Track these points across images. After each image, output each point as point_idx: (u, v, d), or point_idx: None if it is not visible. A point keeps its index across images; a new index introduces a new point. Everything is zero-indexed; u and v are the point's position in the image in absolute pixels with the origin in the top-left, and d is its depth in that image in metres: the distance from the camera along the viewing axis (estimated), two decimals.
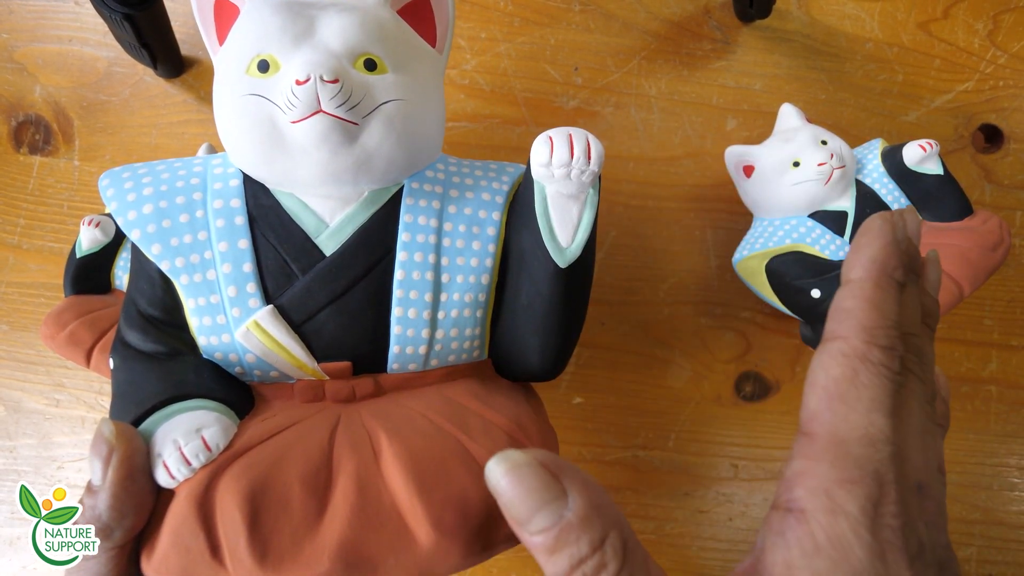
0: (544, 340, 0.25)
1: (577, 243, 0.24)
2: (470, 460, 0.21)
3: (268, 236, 0.23)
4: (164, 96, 0.41)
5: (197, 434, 0.20)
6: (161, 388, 0.21)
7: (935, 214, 0.36)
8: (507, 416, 0.23)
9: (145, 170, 0.24)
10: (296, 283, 0.22)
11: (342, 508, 0.19)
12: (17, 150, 0.41)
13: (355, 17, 0.23)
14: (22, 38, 0.41)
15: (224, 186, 0.23)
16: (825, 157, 0.35)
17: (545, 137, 0.23)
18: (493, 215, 0.25)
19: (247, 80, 0.22)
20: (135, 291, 0.23)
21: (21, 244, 0.40)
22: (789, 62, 0.44)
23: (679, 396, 0.41)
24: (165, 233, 0.22)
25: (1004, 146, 0.44)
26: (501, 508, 0.17)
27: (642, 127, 0.43)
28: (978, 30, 0.45)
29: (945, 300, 0.32)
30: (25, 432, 0.38)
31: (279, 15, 0.22)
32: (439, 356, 0.24)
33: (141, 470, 0.19)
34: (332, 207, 0.23)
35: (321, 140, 0.22)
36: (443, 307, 0.24)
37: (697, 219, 0.42)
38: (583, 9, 0.43)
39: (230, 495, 0.18)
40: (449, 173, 0.26)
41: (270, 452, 0.20)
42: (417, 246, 0.23)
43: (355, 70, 0.22)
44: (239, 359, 0.23)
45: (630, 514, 0.40)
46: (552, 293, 0.24)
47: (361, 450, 0.20)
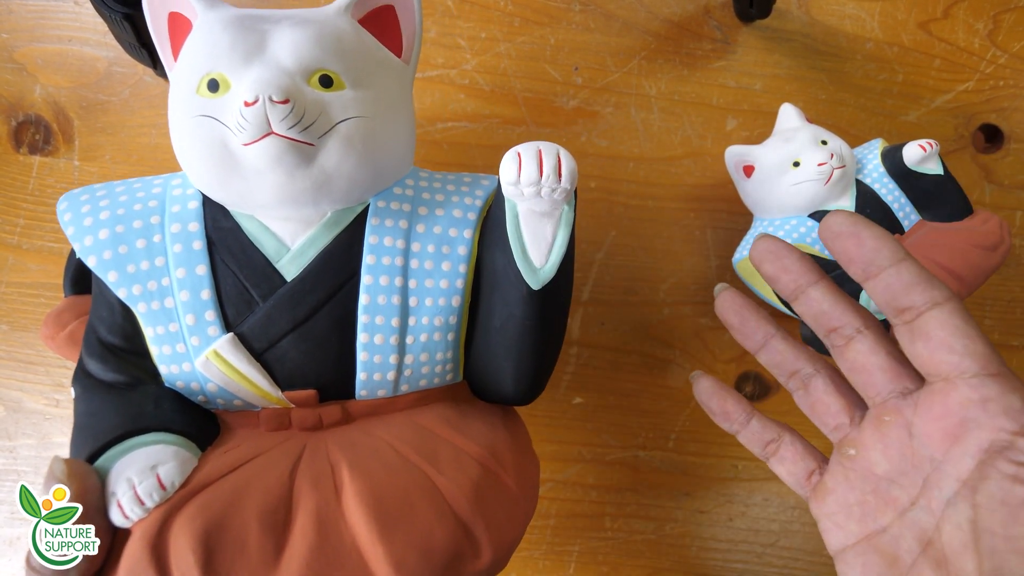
0: (518, 364, 0.24)
1: (551, 263, 0.22)
2: (436, 496, 0.20)
3: (227, 261, 0.22)
4: (164, 96, 0.41)
5: (152, 472, 0.19)
6: (119, 421, 0.20)
7: (935, 214, 0.36)
8: (480, 444, 0.22)
9: (104, 192, 0.23)
10: (257, 310, 0.22)
11: (300, 548, 0.18)
12: (17, 150, 0.41)
13: (309, 31, 0.22)
14: (22, 38, 0.41)
15: (182, 209, 0.22)
16: (825, 157, 0.35)
17: (513, 153, 0.21)
18: (464, 233, 0.24)
19: (198, 100, 0.21)
20: (95, 318, 0.23)
21: (21, 244, 0.40)
22: (789, 62, 0.44)
23: (679, 396, 0.41)
24: (122, 260, 0.21)
25: (1004, 146, 0.44)
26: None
27: (642, 127, 0.43)
28: (978, 30, 0.45)
29: None
30: (25, 432, 0.38)
31: (229, 31, 0.21)
32: (409, 381, 0.23)
33: (95, 509, 0.18)
34: (293, 229, 0.22)
35: (275, 162, 0.21)
36: (411, 331, 0.23)
37: (697, 219, 0.42)
38: (583, 9, 0.43)
39: (183, 537, 0.18)
40: (418, 189, 0.24)
41: (228, 489, 0.19)
42: (383, 269, 0.22)
43: (309, 87, 0.21)
44: (201, 388, 0.22)
45: (630, 514, 0.40)
46: (525, 316, 0.23)
47: (322, 486, 0.20)
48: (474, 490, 0.21)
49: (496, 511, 0.21)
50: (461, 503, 0.20)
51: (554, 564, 0.39)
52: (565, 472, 0.40)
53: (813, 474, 0.23)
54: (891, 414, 0.21)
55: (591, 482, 0.40)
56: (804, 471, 0.23)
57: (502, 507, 0.22)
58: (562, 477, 0.40)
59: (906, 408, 0.20)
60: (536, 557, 0.39)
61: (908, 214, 0.36)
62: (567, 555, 0.39)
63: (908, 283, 0.19)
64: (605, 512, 0.40)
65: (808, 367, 0.24)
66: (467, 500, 0.20)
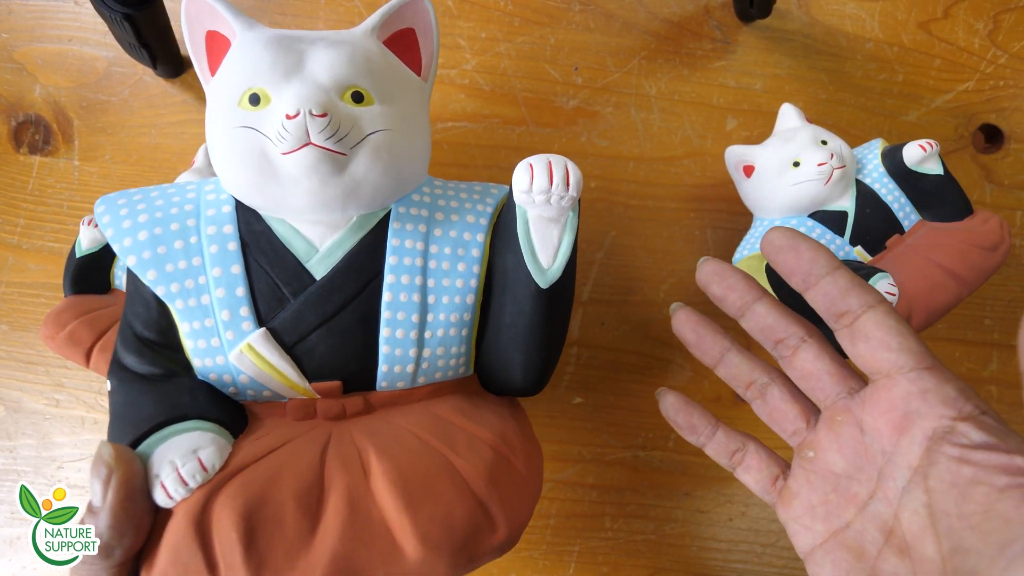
0: (527, 357, 0.26)
1: (558, 264, 0.25)
2: (456, 476, 0.22)
3: (260, 261, 0.23)
4: (164, 96, 0.41)
5: (193, 455, 0.20)
6: (158, 410, 0.22)
7: (935, 214, 0.36)
8: (492, 431, 0.24)
9: (140, 196, 0.24)
10: (288, 306, 0.23)
11: (334, 524, 0.19)
12: (17, 150, 0.41)
13: (343, 51, 0.23)
14: (22, 38, 0.41)
15: (217, 212, 0.24)
16: (825, 157, 0.35)
17: (525, 164, 0.24)
18: (477, 237, 0.26)
19: (239, 112, 0.23)
20: (131, 314, 0.24)
21: (21, 244, 0.40)
22: (789, 62, 0.44)
23: None
24: (160, 259, 0.23)
25: (1004, 146, 0.44)
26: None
27: (642, 127, 0.43)
28: (978, 30, 0.45)
29: (945, 300, 0.32)
30: (25, 432, 0.38)
31: (270, 50, 0.23)
32: (426, 374, 0.25)
33: (139, 491, 0.19)
34: (322, 232, 0.24)
35: (311, 170, 0.22)
36: (430, 327, 0.24)
37: (697, 219, 0.42)
38: (583, 9, 0.43)
39: (226, 513, 0.19)
40: (434, 196, 0.26)
41: (264, 471, 0.20)
42: (404, 268, 0.24)
43: (343, 102, 0.23)
44: (233, 380, 0.23)
45: (630, 514, 0.40)
46: (534, 312, 0.25)
47: (351, 468, 0.21)
48: (489, 471, 0.22)
49: (509, 491, 0.23)
50: (478, 483, 0.22)
51: (554, 564, 0.39)
52: (565, 472, 0.40)
53: (778, 479, 0.24)
54: (842, 414, 0.22)
55: (591, 482, 0.40)
56: (769, 477, 0.24)
57: (514, 488, 0.23)
58: (562, 477, 0.40)
59: (855, 407, 0.22)
60: (536, 557, 0.39)
61: (908, 214, 0.36)
62: (567, 555, 0.39)
63: (844, 289, 0.21)
64: (605, 512, 0.40)
65: (764, 377, 0.25)
66: (483, 480, 0.22)
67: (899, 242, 0.36)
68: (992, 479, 0.18)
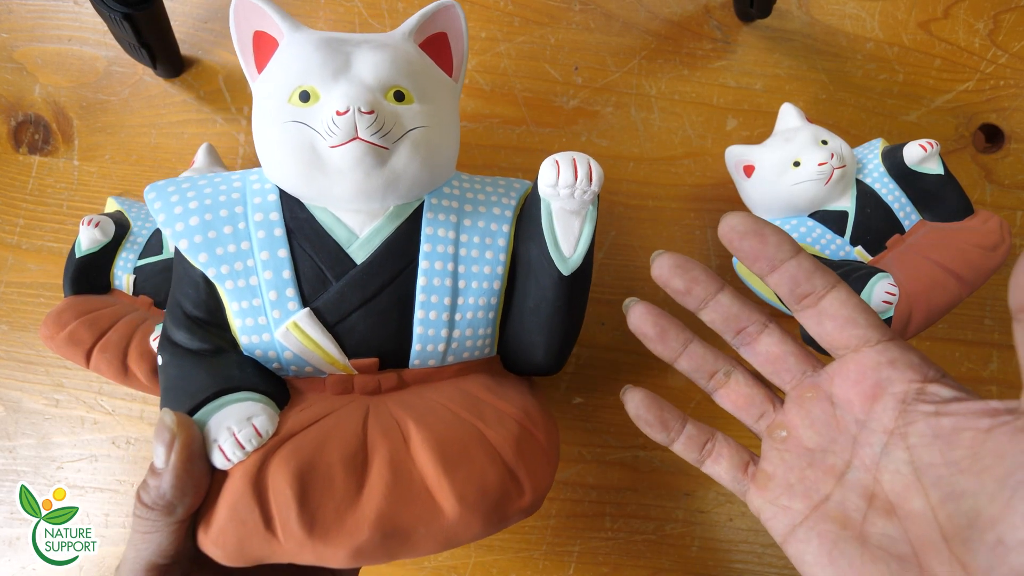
0: (549, 339, 0.28)
1: (578, 253, 0.27)
2: (487, 444, 0.24)
3: (304, 246, 0.25)
4: (163, 96, 0.41)
5: (248, 422, 0.22)
6: (211, 382, 0.24)
7: (936, 214, 0.36)
8: (516, 406, 0.26)
9: (188, 184, 0.26)
10: (331, 288, 0.25)
11: (378, 485, 0.21)
12: (16, 150, 0.41)
13: (386, 54, 0.25)
14: (21, 38, 0.41)
15: (263, 200, 0.26)
16: (825, 157, 0.35)
17: (552, 161, 0.26)
18: (503, 228, 0.28)
19: (289, 108, 0.25)
20: (180, 295, 0.26)
21: (20, 244, 0.40)
22: (790, 62, 0.44)
23: (679, 396, 0.41)
24: (211, 243, 0.25)
25: (1005, 146, 0.44)
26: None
27: (642, 127, 0.43)
28: (979, 30, 0.45)
29: (946, 300, 0.32)
30: (24, 432, 0.38)
31: (320, 51, 0.25)
32: (455, 353, 0.27)
33: (199, 454, 0.21)
34: (361, 220, 0.26)
35: (357, 163, 0.24)
36: (460, 310, 0.27)
37: (697, 219, 0.42)
38: (583, 8, 0.43)
39: (281, 474, 0.21)
40: (463, 190, 0.28)
41: (313, 437, 0.22)
42: (437, 255, 0.26)
43: (386, 101, 0.25)
44: (277, 356, 0.25)
45: (630, 514, 0.40)
46: (556, 297, 0.27)
47: (392, 435, 0.23)
48: (516, 442, 0.24)
49: (533, 460, 0.25)
50: (507, 451, 0.24)
51: (554, 564, 0.39)
52: (565, 472, 0.40)
53: (748, 465, 0.25)
54: (811, 390, 0.23)
55: (591, 482, 0.40)
56: (741, 463, 0.25)
57: (537, 457, 0.25)
58: (562, 477, 0.40)
59: (823, 382, 0.23)
60: (536, 557, 0.39)
61: (909, 214, 0.36)
62: (567, 555, 0.39)
63: (809, 271, 0.22)
64: (605, 512, 0.40)
65: (726, 365, 0.26)
66: (511, 449, 0.24)
67: (899, 242, 0.36)
68: (975, 423, 0.18)
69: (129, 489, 0.38)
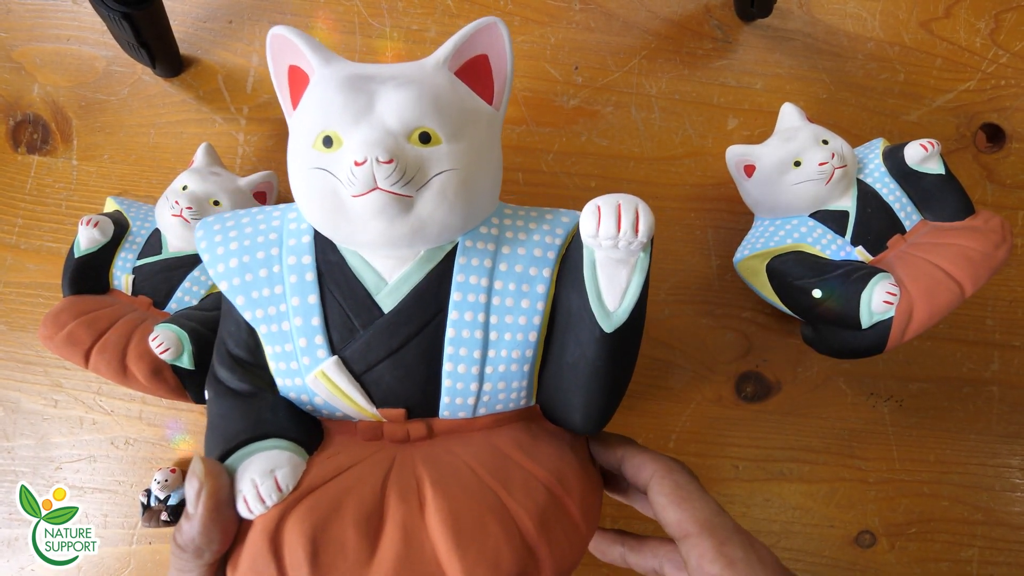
0: (587, 400, 0.25)
1: (624, 308, 0.24)
2: (506, 518, 0.22)
3: (334, 292, 0.25)
4: (163, 95, 0.41)
5: (271, 475, 0.22)
6: (244, 426, 0.24)
7: (937, 214, 0.36)
8: (548, 469, 0.24)
9: (232, 222, 0.26)
10: (358, 337, 0.24)
11: (389, 554, 0.21)
12: (15, 149, 0.41)
13: (412, 92, 0.24)
14: (20, 37, 0.41)
15: (297, 243, 0.25)
16: (826, 156, 0.34)
17: (593, 207, 0.23)
18: (544, 272, 0.25)
19: (313, 154, 0.24)
20: (225, 332, 0.26)
21: (19, 244, 0.40)
22: (790, 61, 0.44)
23: (680, 396, 0.41)
24: (248, 286, 0.25)
25: (1006, 146, 0.44)
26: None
27: (643, 126, 0.43)
28: (980, 29, 0.45)
29: (947, 300, 0.32)
30: (23, 432, 0.38)
31: (342, 93, 0.24)
32: (487, 405, 0.26)
33: (226, 502, 0.22)
34: (391, 265, 0.25)
35: (378, 212, 0.23)
36: (491, 362, 0.25)
37: (698, 219, 0.42)
38: (583, 8, 0.43)
39: (295, 534, 0.21)
40: (503, 228, 0.26)
41: (331, 495, 0.22)
42: (468, 305, 0.25)
43: (410, 144, 0.24)
44: (309, 400, 0.25)
45: (630, 514, 0.40)
46: (597, 356, 0.24)
47: (409, 499, 0.22)
48: (540, 515, 0.23)
49: (559, 536, 0.23)
50: (528, 527, 0.22)
51: None
52: None
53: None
54: None
55: None
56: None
57: (564, 533, 0.23)
58: None
59: None
60: None
61: (909, 214, 0.36)
62: None
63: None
64: (606, 513, 0.40)
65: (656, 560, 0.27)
66: (533, 524, 0.22)
67: (900, 242, 0.36)
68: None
69: (128, 489, 0.38)
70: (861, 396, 0.42)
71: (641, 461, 0.25)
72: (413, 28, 0.42)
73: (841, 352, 0.35)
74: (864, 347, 0.34)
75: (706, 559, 0.22)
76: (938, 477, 0.42)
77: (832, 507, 0.41)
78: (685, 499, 0.23)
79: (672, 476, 0.24)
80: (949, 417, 0.42)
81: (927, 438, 0.42)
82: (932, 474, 0.42)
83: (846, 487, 0.41)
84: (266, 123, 0.41)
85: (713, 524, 0.22)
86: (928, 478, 0.42)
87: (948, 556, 0.41)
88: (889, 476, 0.41)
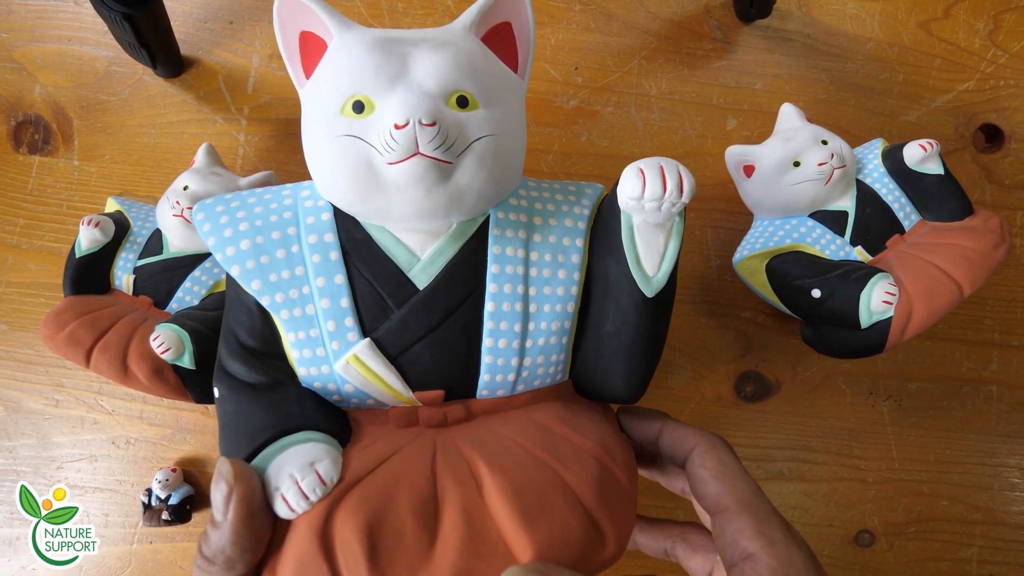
0: (630, 366, 0.25)
1: (663, 272, 0.24)
2: (567, 491, 0.21)
3: (362, 270, 0.23)
4: (163, 96, 0.41)
5: (311, 468, 0.20)
6: (270, 422, 0.22)
7: (936, 214, 0.36)
8: (593, 440, 0.24)
9: (237, 203, 0.24)
10: (392, 316, 0.23)
11: (452, 539, 0.20)
12: (16, 150, 0.41)
13: (447, 54, 0.23)
14: (21, 38, 0.41)
15: (317, 220, 0.24)
16: (826, 157, 0.34)
17: (635, 169, 0.22)
18: (576, 242, 0.25)
19: (342, 121, 0.22)
20: (233, 322, 0.24)
21: (20, 244, 0.40)
22: (790, 62, 0.44)
23: (679, 396, 0.41)
24: (264, 269, 0.23)
25: (1005, 146, 0.44)
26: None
27: (642, 127, 0.43)
28: (979, 30, 0.45)
29: (946, 300, 0.32)
30: (24, 432, 0.38)
31: (374, 55, 0.22)
32: (526, 382, 0.25)
33: (259, 507, 0.20)
34: (422, 240, 0.24)
35: (417, 180, 0.22)
36: (531, 336, 0.24)
37: (697, 219, 0.42)
38: (583, 8, 0.43)
39: (348, 528, 0.19)
40: (531, 200, 0.26)
41: (380, 484, 0.21)
42: (506, 277, 0.24)
43: (449, 109, 0.22)
44: (337, 388, 0.23)
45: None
46: (638, 321, 0.24)
47: (464, 481, 0.21)
48: (597, 485, 0.22)
49: (615, 504, 0.22)
50: (588, 497, 0.22)
51: None
52: None
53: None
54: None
55: None
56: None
57: (619, 501, 0.23)
58: None
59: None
60: None
61: (909, 214, 0.36)
62: None
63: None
64: None
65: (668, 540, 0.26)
66: (592, 495, 0.22)
67: (899, 242, 0.36)
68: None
69: (129, 489, 0.38)
70: (860, 396, 0.42)
71: (683, 434, 0.24)
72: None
73: (840, 352, 0.36)
74: (863, 347, 0.34)
75: (744, 535, 0.21)
76: (937, 477, 0.42)
77: (831, 506, 0.41)
78: (727, 475, 0.22)
79: (716, 451, 0.23)
80: (948, 417, 0.42)
81: (926, 438, 0.42)
82: (931, 474, 0.42)
83: (845, 487, 0.41)
84: (267, 123, 0.41)
85: (753, 503, 0.22)
86: (927, 478, 0.42)
87: (947, 555, 0.41)
88: (888, 476, 0.42)
